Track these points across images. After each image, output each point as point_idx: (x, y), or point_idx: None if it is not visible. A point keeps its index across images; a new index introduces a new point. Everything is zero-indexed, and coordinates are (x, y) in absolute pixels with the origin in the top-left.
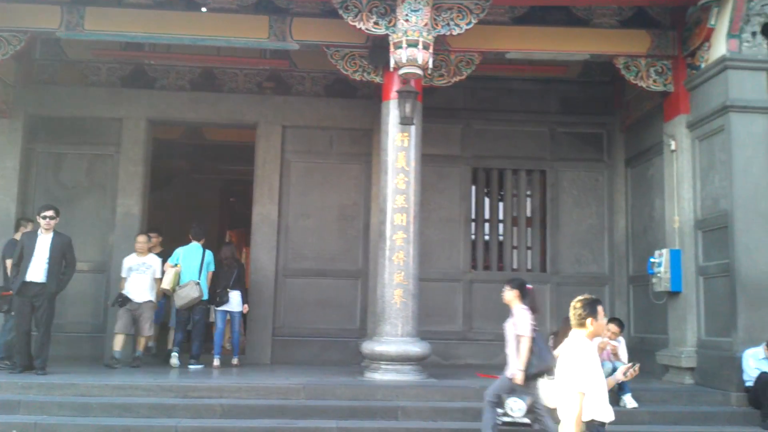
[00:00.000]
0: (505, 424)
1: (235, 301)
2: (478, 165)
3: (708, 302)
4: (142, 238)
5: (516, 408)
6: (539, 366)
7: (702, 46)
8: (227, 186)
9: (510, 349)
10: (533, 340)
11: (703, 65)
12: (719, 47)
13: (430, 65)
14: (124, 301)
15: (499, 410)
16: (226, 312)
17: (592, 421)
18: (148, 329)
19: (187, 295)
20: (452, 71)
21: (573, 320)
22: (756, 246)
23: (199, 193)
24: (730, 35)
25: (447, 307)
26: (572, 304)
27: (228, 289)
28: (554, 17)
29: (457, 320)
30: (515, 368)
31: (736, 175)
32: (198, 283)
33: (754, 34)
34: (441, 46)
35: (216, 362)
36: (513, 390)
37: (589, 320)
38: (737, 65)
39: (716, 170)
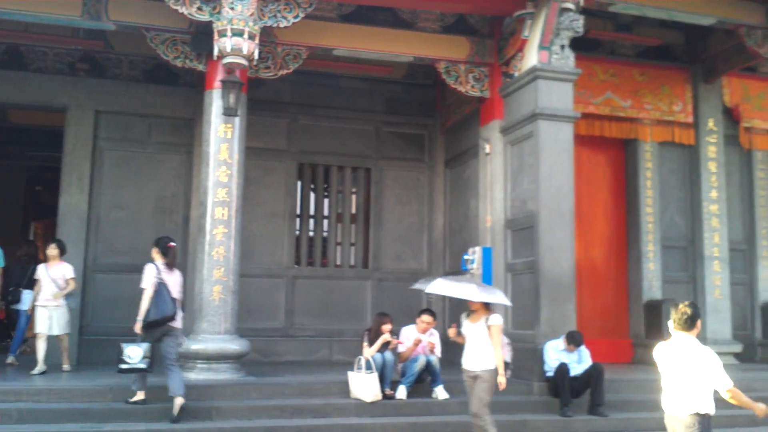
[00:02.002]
0: (122, 370)
1: (25, 300)
2: (304, 160)
3: (515, 297)
4: None
5: (133, 354)
6: (155, 315)
7: (516, 56)
8: (33, 174)
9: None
10: (157, 292)
11: (516, 74)
12: (531, 58)
13: (256, 56)
14: None
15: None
16: (19, 310)
17: (706, 414)
18: None
19: None
20: (279, 64)
21: (679, 323)
22: (558, 245)
23: (2, 181)
24: (542, 47)
25: (269, 304)
26: (679, 308)
27: (20, 288)
28: (381, 18)
29: (279, 317)
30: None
31: (542, 179)
32: None
33: (563, 47)
34: (268, 37)
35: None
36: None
37: (697, 322)
38: (547, 76)
39: (525, 173)
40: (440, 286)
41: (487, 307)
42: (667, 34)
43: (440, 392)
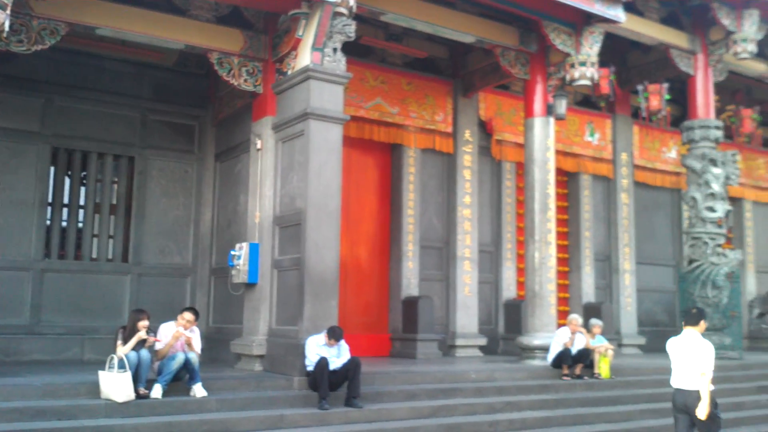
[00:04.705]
0: None
1: None
2: (59, 144)
3: (280, 294)
4: None
5: None
6: None
7: (290, 54)
8: None
9: None
10: None
11: (289, 72)
12: (304, 57)
13: (7, 28)
14: None
15: None
16: None
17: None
18: None
19: None
20: (34, 38)
21: (689, 321)
22: (324, 242)
23: None
24: (315, 48)
25: (12, 299)
26: (691, 311)
27: None
28: (151, 1)
29: (24, 313)
30: None
31: (311, 177)
32: None
33: (335, 50)
34: (23, 9)
35: None
36: None
37: (702, 321)
38: (319, 77)
39: (295, 171)
40: None
41: None
42: (434, 48)
43: (198, 390)
